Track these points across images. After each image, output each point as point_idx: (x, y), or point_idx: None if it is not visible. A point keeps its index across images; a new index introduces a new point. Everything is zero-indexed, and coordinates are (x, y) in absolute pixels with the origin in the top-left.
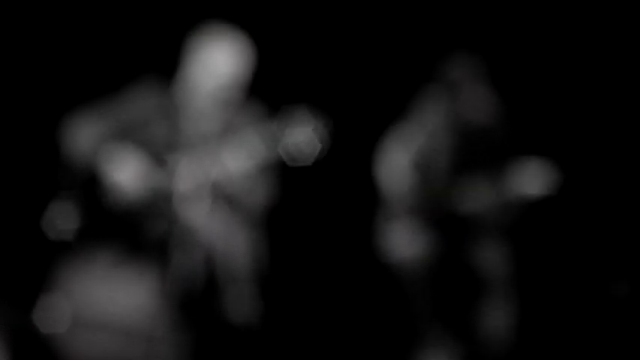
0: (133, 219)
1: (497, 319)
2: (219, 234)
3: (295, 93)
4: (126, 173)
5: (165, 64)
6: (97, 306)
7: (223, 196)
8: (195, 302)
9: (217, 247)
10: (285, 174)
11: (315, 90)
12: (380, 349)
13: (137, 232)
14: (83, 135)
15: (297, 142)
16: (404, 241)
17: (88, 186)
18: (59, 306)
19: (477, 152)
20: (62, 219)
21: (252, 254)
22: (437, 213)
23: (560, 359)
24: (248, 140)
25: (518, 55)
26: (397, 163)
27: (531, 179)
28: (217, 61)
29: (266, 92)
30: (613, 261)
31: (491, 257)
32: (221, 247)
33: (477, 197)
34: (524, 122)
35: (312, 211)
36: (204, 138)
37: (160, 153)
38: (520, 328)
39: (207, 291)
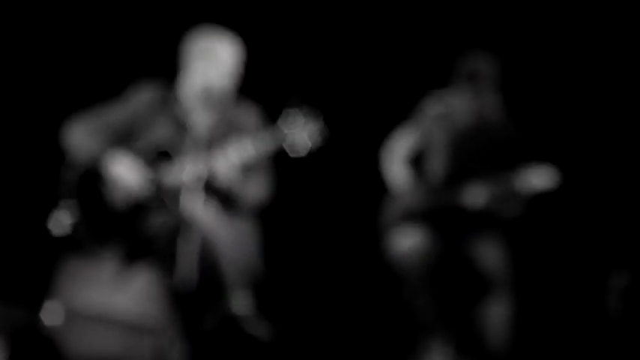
0: (136, 217)
1: (497, 318)
2: (219, 230)
3: (296, 91)
4: (128, 172)
5: (165, 64)
6: (99, 303)
7: (223, 192)
8: (197, 298)
9: (218, 243)
10: (284, 170)
11: (318, 88)
12: (380, 349)
13: (140, 229)
14: (85, 134)
15: (296, 139)
16: (404, 240)
17: (91, 185)
18: (61, 304)
19: (480, 150)
20: (65, 217)
21: (252, 250)
22: (437, 212)
23: (560, 358)
24: (247, 138)
25: (519, 56)
26: (398, 161)
27: (533, 177)
28: (216, 61)
29: (266, 91)
30: (613, 261)
31: (492, 256)
32: (221, 243)
33: (478, 196)
34: (526, 121)
35: (312, 209)
36: (203, 136)
37: (160, 151)
38: (520, 327)
39: (208, 287)
